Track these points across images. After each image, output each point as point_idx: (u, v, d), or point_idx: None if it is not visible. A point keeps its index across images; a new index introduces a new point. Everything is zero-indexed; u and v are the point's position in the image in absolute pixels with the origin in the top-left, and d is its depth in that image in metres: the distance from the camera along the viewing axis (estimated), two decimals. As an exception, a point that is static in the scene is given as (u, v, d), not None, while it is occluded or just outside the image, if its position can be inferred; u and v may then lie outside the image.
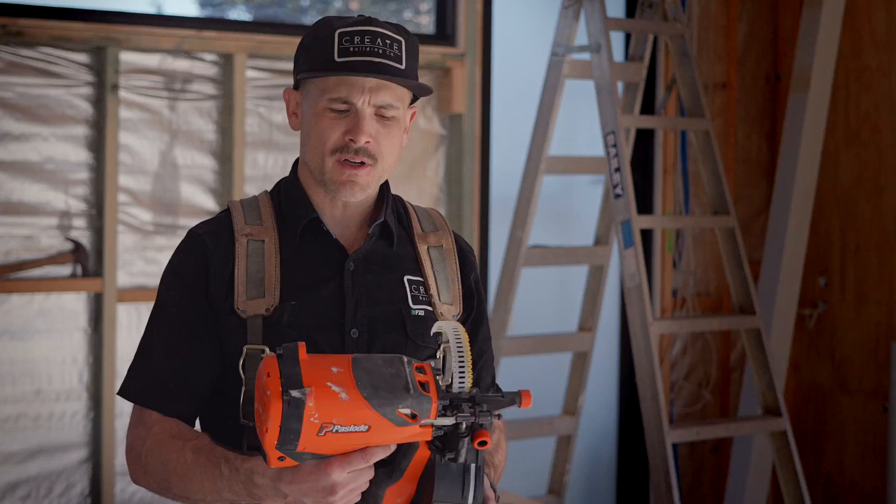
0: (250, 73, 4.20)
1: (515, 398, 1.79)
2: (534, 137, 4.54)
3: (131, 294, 4.02)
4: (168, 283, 2.07)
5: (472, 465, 1.78)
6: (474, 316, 2.16)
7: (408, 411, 1.72)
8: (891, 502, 4.60)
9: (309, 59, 2.04)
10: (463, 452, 1.77)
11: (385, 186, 2.13)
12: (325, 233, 2.06)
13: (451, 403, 1.75)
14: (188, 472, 1.89)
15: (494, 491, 1.93)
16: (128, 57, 4.02)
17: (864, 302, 4.91)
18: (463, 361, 1.77)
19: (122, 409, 4.02)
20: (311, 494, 1.75)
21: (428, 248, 2.12)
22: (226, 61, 4.15)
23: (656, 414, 4.07)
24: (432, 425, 1.75)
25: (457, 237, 2.18)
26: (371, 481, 1.79)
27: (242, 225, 2.05)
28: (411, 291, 2.06)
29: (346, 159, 2.00)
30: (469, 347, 1.78)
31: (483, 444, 1.76)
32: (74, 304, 3.98)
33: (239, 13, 4.57)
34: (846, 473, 4.99)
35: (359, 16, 2.05)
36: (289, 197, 2.10)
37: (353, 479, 1.75)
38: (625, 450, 5.20)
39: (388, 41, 2.02)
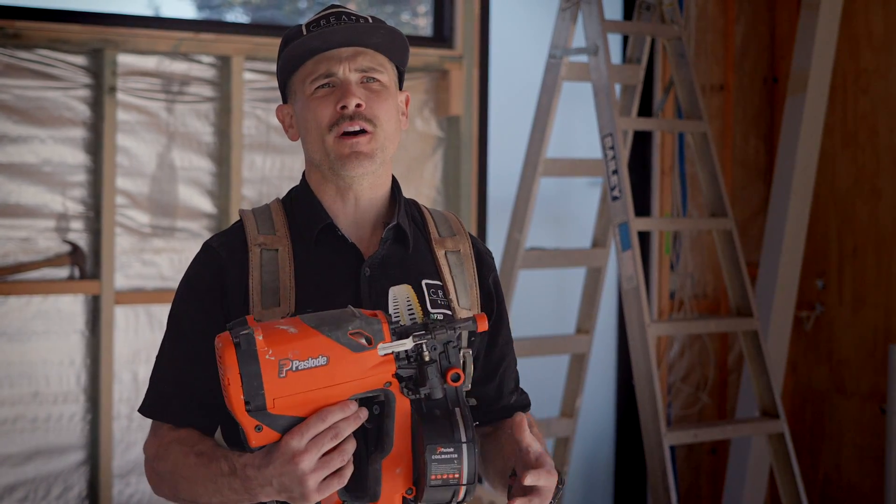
0: (248, 76, 4.20)
1: (470, 319, 1.83)
2: (531, 139, 4.54)
3: (129, 296, 4.02)
4: (183, 296, 2.06)
5: (456, 408, 1.79)
6: (494, 319, 2.13)
7: (360, 336, 1.75)
8: (888, 504, 4.61)
9: (285, 60, 2.06)
10: (436, 384, 1.78)
11: (396, 187, 2.12)
12: (341, 238, 2.04)
13: (405, 331, 1.79)
14: (193, 474, 1.90)
15: (560, 473, 1.91)
16: (125, 59, 4.02)
17: (861, 304, 4.91)
18: (411, 304, 1.85)
19: (120, 412, 4.02)
20: (283, 472, 1.76)
21: (445, 253, 2.10)
22: (223, 63, 4.15)
23: (654, 416, 4.07)
24: (393, 354, 1.77)
25: (474, 241, 2.16)
26: (367, 459, 1.80)
27: (255, 235, 2.03)
28: (429, 295, 2.04)
29: (344, 131, 1.99)
30: (416, 297, 1.86)
31: (456, 378, 1.79)
32: (72, 307, 3.98)
33: (236, 15, 4.57)
34: (844, 475, 4.99)
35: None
36: (301, 204, 2.08)
37: (316, 446, 1.75)
38: (622, 452, 5.20)
39: (354, 17, 2.05)
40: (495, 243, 4.71)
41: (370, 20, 2.05)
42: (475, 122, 4.55)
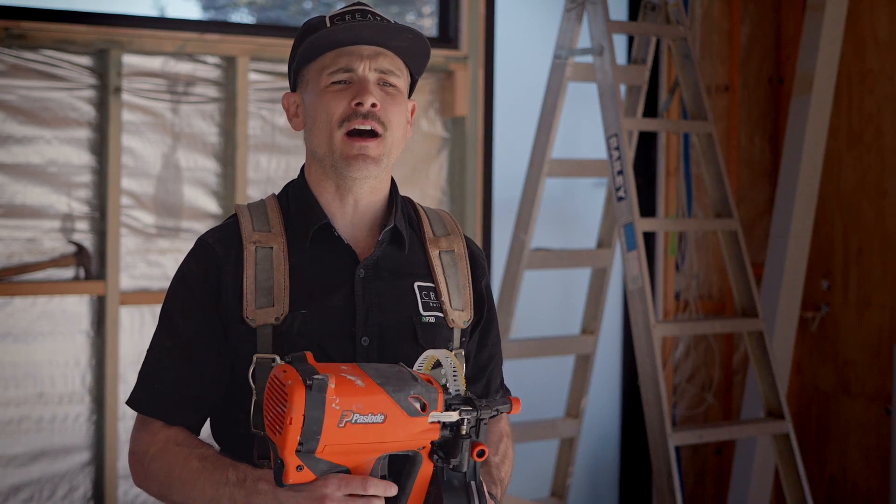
0: (253, 76, 4.20)
1: (507, 402, 1.85)
2: (536, 140, 4.54)
3: (134, 297, 4.02)
4: (176, 292, 2.05)
5: (473, 482, 1.81)
6: (485, 320, 2.14)
7: (417, 401, 1.77)
8: (894, 505, 4.61)
9: (303, 49, 2.04)
10: (465, 458, 1.80)
11: (394, 188, 2.11)
12: (336, 238, 2.03)
13: (453, 404, 1.80)
14: (192, 478, 1.89)
15: None
16: (130, 59, 4.02)
17: (866, 305, 4.91)
18: (455, 371, 1.83)
19: (125, 413, 4.02)
20: None
21: (439, 253, 2.10)
22: (228, 64, 4.15)
23: (659, 416, 4.07)
24: (439, 422, 1.78)
25: (468, 241, 2.16)
26: None
27: (251, 231, 2.02)
28: (422, 298, 2.04)
29: (354, 129, 1.98)
30: (461, 366, 1.85)
31: (482, 454, 1.81)
32: (77, 307, 3.98)
33: (241, 16, 4.57)
34: (849, 476, 4.98)
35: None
36: (298, 201, 2.07)
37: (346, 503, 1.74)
38: (627, 452, 5.20)
39: (379, 17, 2.04)
40: (500, 244, 4.71)
41: (394, 22, 2.05)
42: (480, 123, 4.55)
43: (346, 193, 2.04)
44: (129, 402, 2.04)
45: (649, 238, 4.90)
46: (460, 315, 2.07)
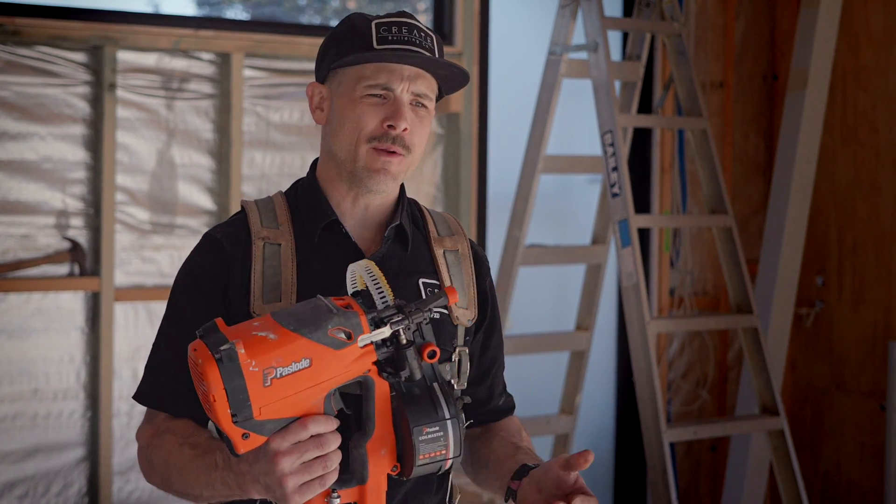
0: (247, 73, 4.20)
1: (441, 295, 1.82)
2: (531, 136, 4.54)
3: (128, 293, 4.02)
4: (183, 285, 2.05)
5: (435, 384, 1.80)
6: (488, 322, 2.15)
7: (340, 332, 1.73)
8: (888, 501, 4.60)
9: (342, 49, 2.03)
10: (415, 366, 1.78)
11: (402, 189, 2.13)
12: (345, 236, 2.04)
13: (381, 318, 1.77)
14: (186, 466, 1.90)
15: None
16: (125, 56, 4.02)
17: (861, 301, 4.92)
18: (377, 281, 1.81)
19: (119, 409, 4.02)
20: (266, 471, 1.76)
21: (444, 252, 2.11)
22: (223, 60, 4.15)
23: (653, 413, 4.07)
24: (372, 343, 1.76)
25: (471, 243, 2.17)
26: (350, 445, 1.79)
27: (259, 228, 2.03)
28: (426, 294, 2.05)
29: (381, 147, 1.99)
30: (380, 270, 1.83)
31: (433, 354, 1.79)
32: (72, 304, 3.98)
33: (236, 12, 4.57)
34: (843, 472, 4.99)
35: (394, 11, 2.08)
36: (307, 198, 2.08)
37: (297, 451, 1.74)
38: (622, 449, 5.21)
39: (423, 34, 2.04)
40: (495, 240, 4.71)
41: (433, 39, 2.05)
42: (475, 120, 4.55)
43: (358, 197, 2.06)
44: (136, 397, 2.05)
45: (644, 234, 4.90)
46: (464, 313, 2.08)
